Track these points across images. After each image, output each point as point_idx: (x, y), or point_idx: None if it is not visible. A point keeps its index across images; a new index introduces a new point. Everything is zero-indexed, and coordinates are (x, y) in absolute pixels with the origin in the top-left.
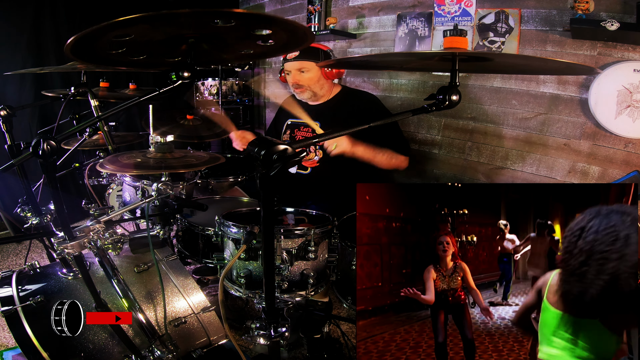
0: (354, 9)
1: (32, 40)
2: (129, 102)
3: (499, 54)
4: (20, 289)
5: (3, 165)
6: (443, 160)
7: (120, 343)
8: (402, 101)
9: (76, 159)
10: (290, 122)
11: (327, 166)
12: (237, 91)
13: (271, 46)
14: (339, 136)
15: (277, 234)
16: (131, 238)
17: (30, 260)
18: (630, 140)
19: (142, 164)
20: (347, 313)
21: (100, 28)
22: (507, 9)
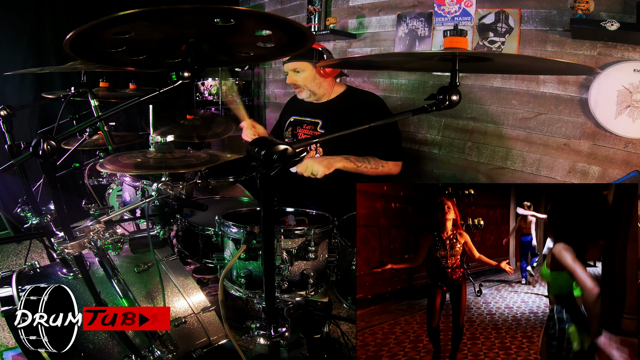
0: (354, 9)
1: (32, 40)
2: (129, 102)
3: (499, 54)
4: (20, 289)
5: (3, 165)
6: (443, 160)
7: (120, 343)
8: (402, 101)
9: (76, 159)
10: (292, 120)
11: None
12: (237, 91)
13: (271, 48)
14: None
15: (277, 234)
16: (131, 238)
17: (30, 260)
18: (630, 140)
19: (142, 164)
20: (347, 313)
21: (99, 23)
22: (507, 9)
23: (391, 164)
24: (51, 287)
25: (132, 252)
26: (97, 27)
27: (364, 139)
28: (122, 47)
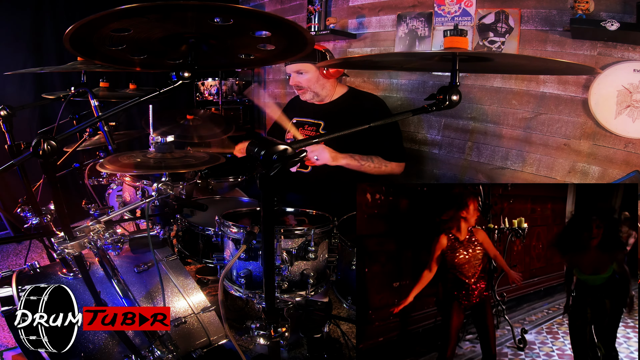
0: (354, 9)
1: (32, 40)
2: (129, 102)
3: (499, 54)
4: (20, 289)
5: (3, 165)
6: (443, 160)
7: (120, 343)
8: (402, 101)
9: (76, 159)
10: (295, 121)
11: (328, 165)
12: (237, 91)
13: (271, 51)
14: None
15: (277, 234)
16: (131, 238)
17: (30, 260)
18: (630, 140)
19: (142, 164)
20: (347, 313)
21: (97, 18)
22: (507, 9)
23: (394, 164)
24: (51, 287)
25: (132, 252)
26: (97, 22)
27: (367, 141)
28: (123, 46)
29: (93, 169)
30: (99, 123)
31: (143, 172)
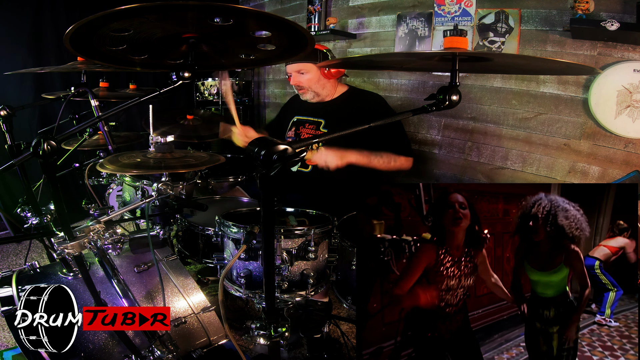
0: (354, 9)
1: (32, 40)
2: (129, 102)
3: (499, 54)
4: (20, 289)
5: (3, 165)
6: (443, 160)
7: (120, 343)
8: (402, 101)
9: (76, 159)
10: (296, 119)
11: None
12: (237, 91)
13: (271, 51)
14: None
15: (277, 234)
16: (131, 238)
17: (30, 260)
18: (630, 140)
19: (142, 164)
20: (347, 313)
21: (97, 18)
22: (507, 9)
23: (403, 159)
24: (51, 287)
25: (132, 252)
26: (96, 22)
27: (372, 138)
28: (123, 46)
29: (93, 169)
30: (99, 123)
31: (143, 172)
